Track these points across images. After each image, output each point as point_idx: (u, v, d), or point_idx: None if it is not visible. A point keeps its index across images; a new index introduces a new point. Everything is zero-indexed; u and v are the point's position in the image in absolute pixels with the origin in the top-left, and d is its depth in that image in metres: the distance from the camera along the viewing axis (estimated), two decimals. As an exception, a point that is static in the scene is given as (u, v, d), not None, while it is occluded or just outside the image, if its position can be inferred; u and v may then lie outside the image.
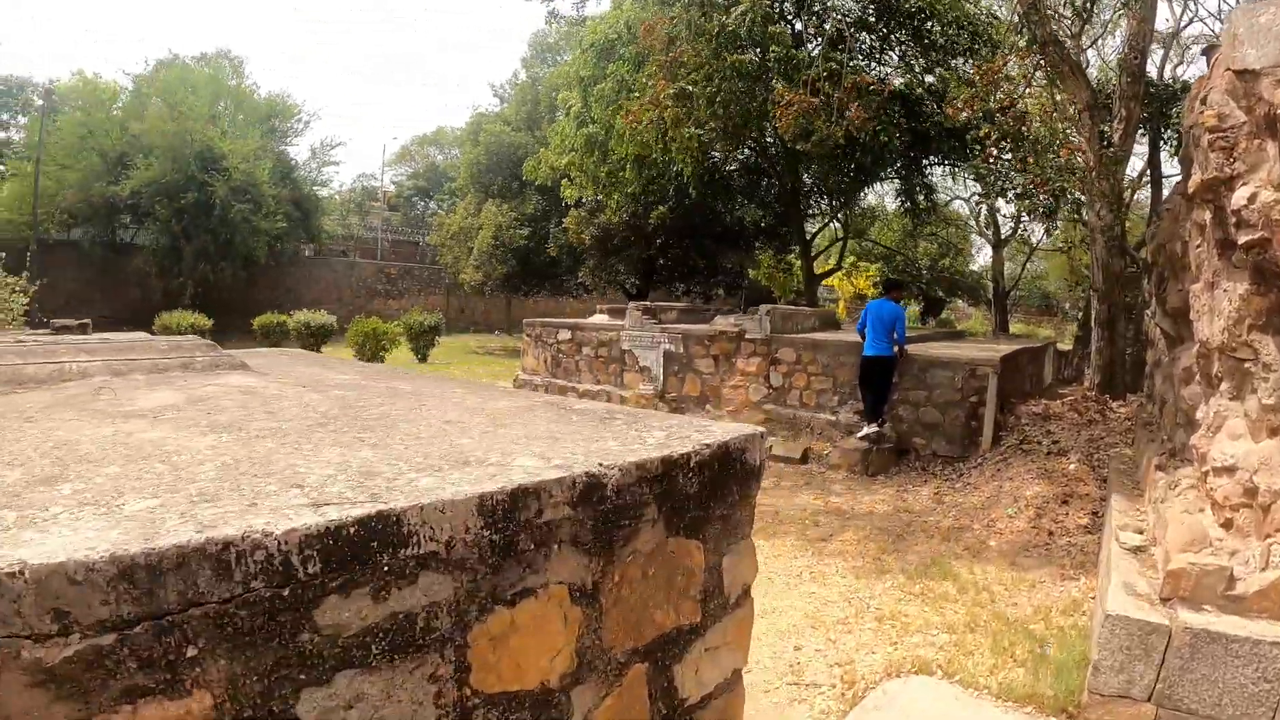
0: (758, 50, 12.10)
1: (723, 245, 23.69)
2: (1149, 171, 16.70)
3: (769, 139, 16.79)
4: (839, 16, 13.39)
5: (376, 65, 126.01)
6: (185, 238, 26.64)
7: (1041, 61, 9.49)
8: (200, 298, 27.00)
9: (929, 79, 14.22)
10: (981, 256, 35.49)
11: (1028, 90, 10.00)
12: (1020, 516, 6.26)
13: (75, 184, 26.27)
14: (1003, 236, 26.14)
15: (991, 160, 10.49)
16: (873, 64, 14.39)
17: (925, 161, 16.63)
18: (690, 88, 11.33)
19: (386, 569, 1.26)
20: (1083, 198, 11.08)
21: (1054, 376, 13.48)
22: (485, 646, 1.42)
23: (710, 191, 19.30)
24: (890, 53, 14.78)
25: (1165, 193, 11.86)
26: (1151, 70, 15.57)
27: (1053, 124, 10.44)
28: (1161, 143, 15.40)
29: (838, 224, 24.52)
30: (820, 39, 13.39)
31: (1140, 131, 12.55)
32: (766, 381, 10.40)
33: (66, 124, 27.68)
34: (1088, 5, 11.51)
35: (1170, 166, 15.68)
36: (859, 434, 8.84)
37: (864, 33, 14.00)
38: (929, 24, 14.04)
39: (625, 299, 20.61)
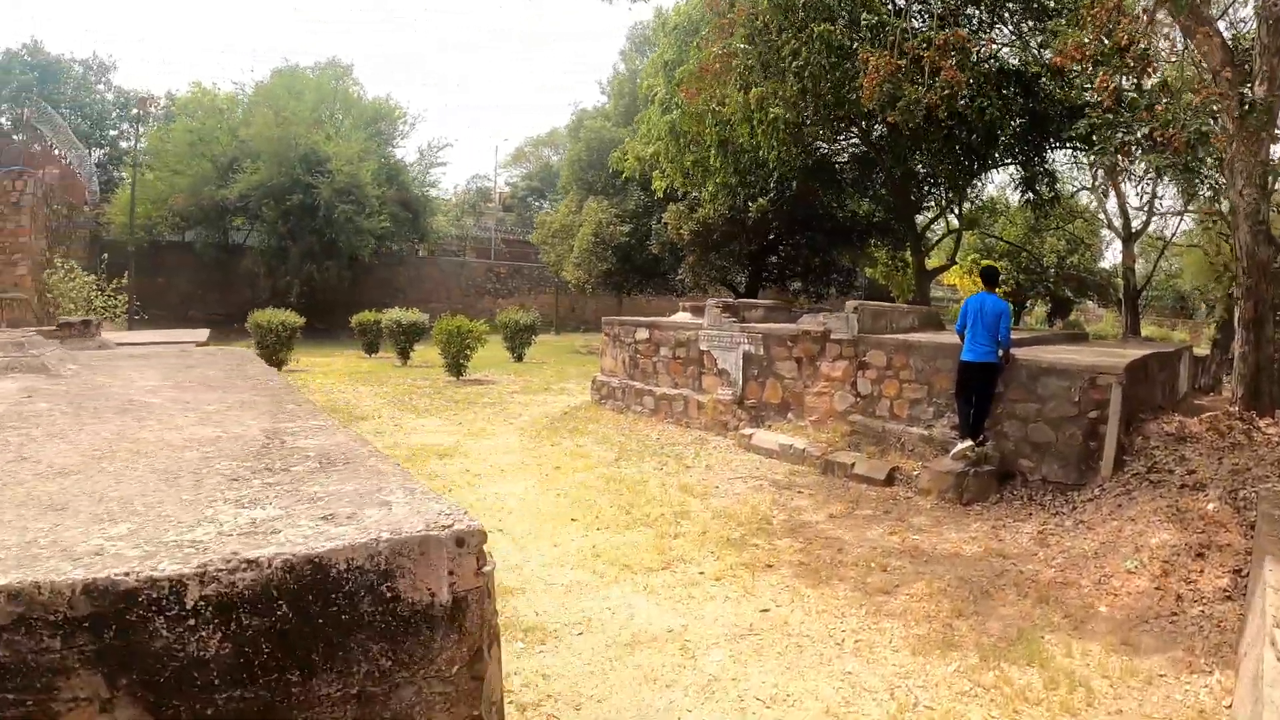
0: (848, 20, 10.85)
1: (835, 241, 22.29)
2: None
3: (875, 124, 15.42)
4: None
5: (487, 68, 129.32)
6: (291, 238, 27.48)
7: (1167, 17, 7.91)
8: (306, 296, 27.79)
9: (1046, 54, 12.52)
10: (1111, 253, 32.45)
11: (1149, 26, 8.34)
12: (1142, 573, 4.93)
13: (185, 188, 27.50)
14: (1133, 230, 23.44)
15: (1109, 112, 8.81)
16: (981, 40, 12.81)
17: (1046, 147, 14.79)
18: (743, 45, 10.23)
19: None
20: (1221, 178, 9.28)
21: (1189, 386, 11.58)
22: None
23: (815, 183, 18.06)
24: (1002, 27, 13.10)
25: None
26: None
27: (1183, 68, 8.71)
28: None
29: (952, 216, 22.60)
30: (925, 15, 11.97)
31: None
32: (853, 388, 9.22)
33: (178, 132, 29.19)
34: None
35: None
36: (953, 452, 7.59)
37: (971, 6, 12.42)
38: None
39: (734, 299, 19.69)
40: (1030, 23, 12.69)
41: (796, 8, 10.61)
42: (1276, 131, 8.52)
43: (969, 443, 7.48)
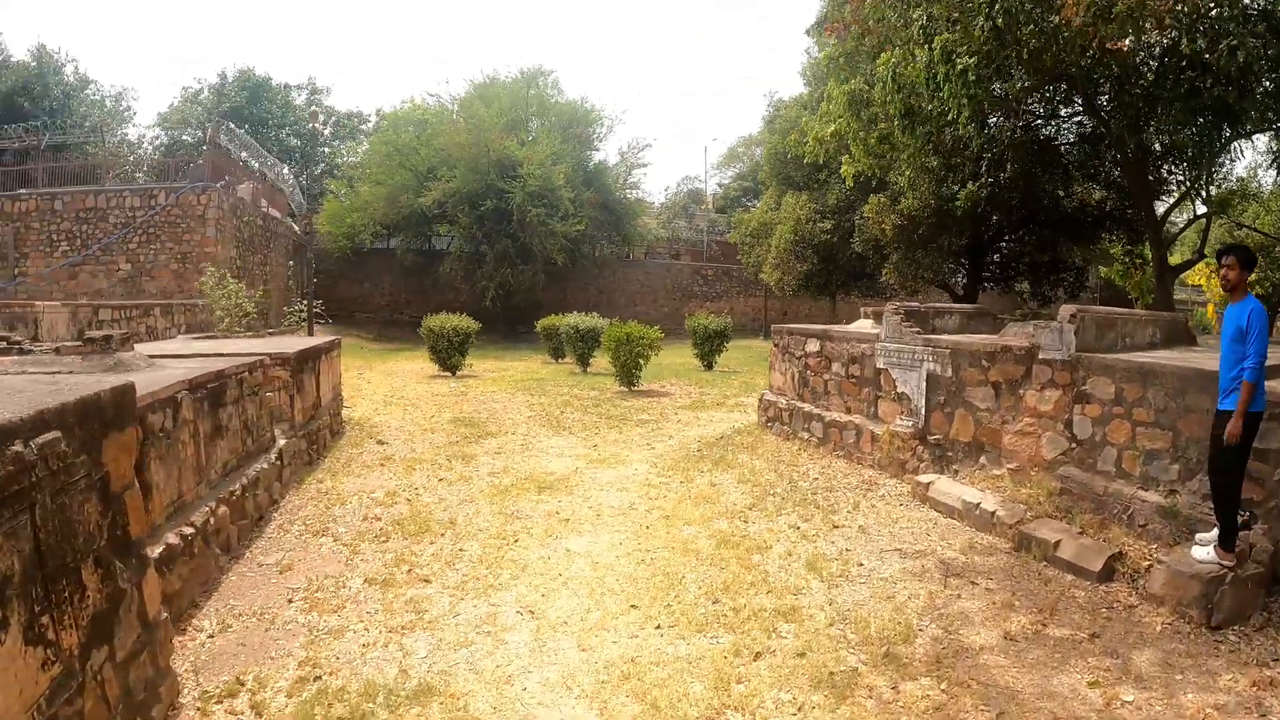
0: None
1: (1062, 235, 18.71)
2: None
3: (1100, 90, 12.24)
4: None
5: (690, 64, 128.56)
6: (487, 242, 27.99)
7: None
8: (502, 300, 28.24)
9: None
10: None
11: None
12: None
13: (386, 198, 28.76)
14: None
15: None
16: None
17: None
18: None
19: None
20: None
21: None
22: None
23: (1035, 167, 15.04)
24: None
25: None
26: None
27: None
28: None
29: (1197, 201, 18.08)
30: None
31: None
32: (1067, 428, 6.71)
33: (378, 145, 30.80)
34: None
35: None
36: (1202, 543, 5.02)
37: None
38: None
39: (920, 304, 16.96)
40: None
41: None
42: None
43: (1215, 533, 4.90)
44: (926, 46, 9.09)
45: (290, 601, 5.25)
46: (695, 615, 4.92)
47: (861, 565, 5.87)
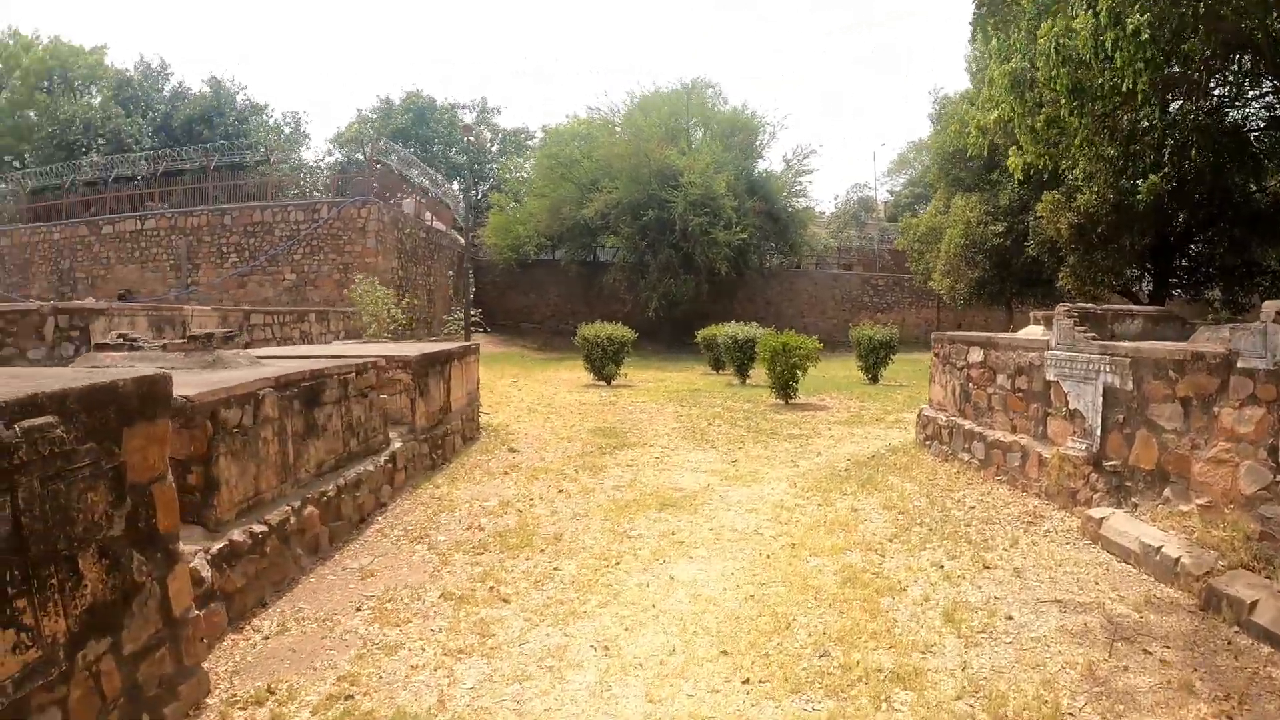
0: None
1: (1256, 235, 16.15)
2: None
3: None
4: None
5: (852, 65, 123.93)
6: (650, 252, 27.99)
7: None
8: (665, 310, 28.14)
9: None
10: None
11: None
12: None
13: (550, 210, 29.33)
14: None
15: None
16: None
17: None
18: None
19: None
20: None
21: None
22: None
23: (1222, 156, 13.10)
24: None
25: None
26: None
27: None
28: None
29: None
30: None
31: None
32: (1271, 457, 5.34)
33: (541, 158, 31.59)
34: None
35: None
36: None
37: None
38: None
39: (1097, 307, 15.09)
40: None
41: None
42: None
43: None
44: (1091, 11, 7.84)
45: (358, 610, 4.94)
46: (795, 670, 4.13)
47: (1010, 619, 4.85)
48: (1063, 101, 9.05)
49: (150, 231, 24.29)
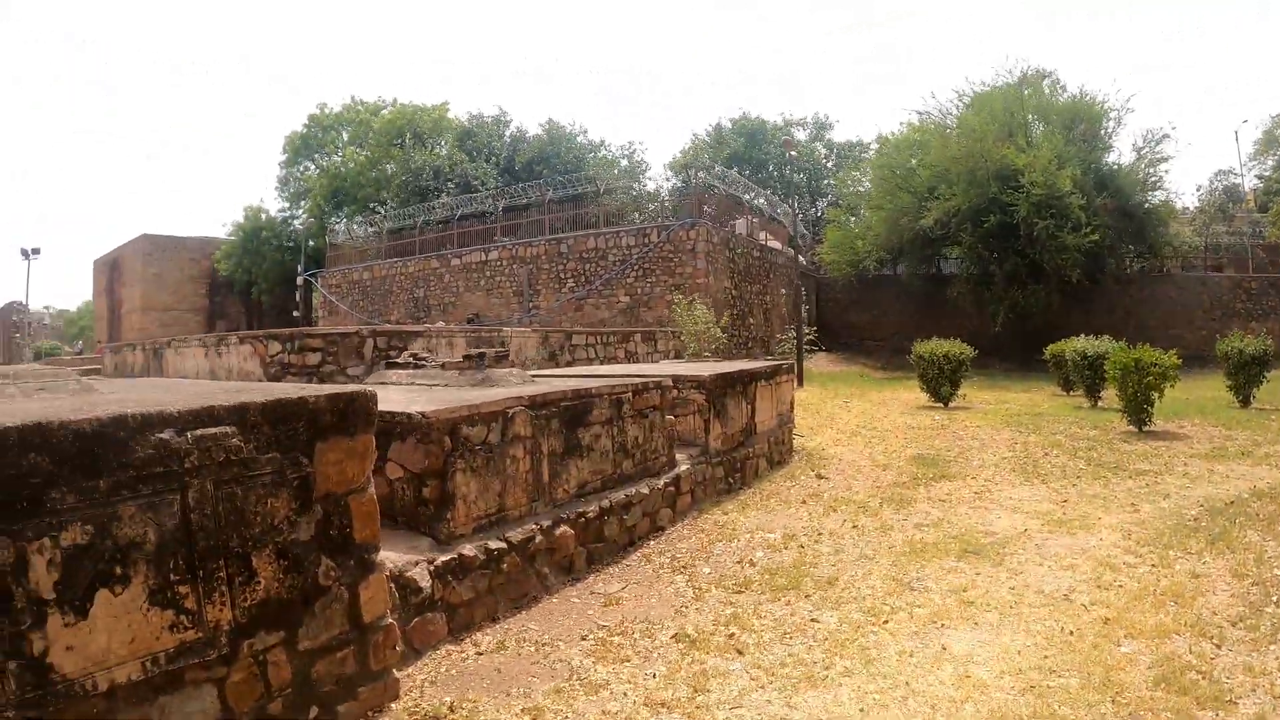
0: None
1: None
2: None
3: None
4: None
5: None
6: (996, 261, 25.63)
7: None
8: (1013, 324, 25.63)
9: None
10: None
11: None
12: None
13: (885, 221, 28.15)
14: None
15: None
16: None
17: None
18: None
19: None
20: None
21: None
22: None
23: None
24: None
25: None
26: None
27: None
28: None
29: None
30: None
31: None
32: None
33: (876, 168, 30.17)
34: None
35: None
36: None
37: None
38: None
39: None
40: None
41: None
42: None
43: None
44: None
45: (583, 639, 4.76)
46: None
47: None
48: None
49: (494, 262, 27.11)
